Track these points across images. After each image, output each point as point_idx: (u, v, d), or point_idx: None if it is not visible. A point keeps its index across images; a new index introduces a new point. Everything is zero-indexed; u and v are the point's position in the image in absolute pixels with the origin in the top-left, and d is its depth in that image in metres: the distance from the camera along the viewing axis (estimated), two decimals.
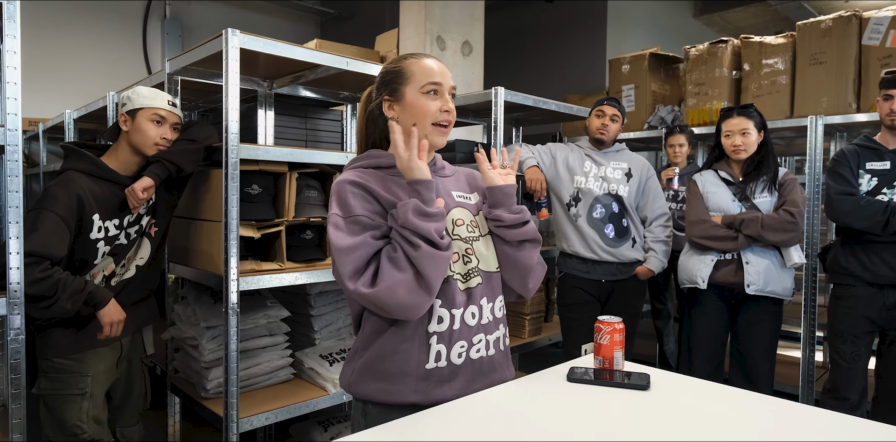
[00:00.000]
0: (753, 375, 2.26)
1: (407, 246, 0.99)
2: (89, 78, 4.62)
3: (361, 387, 1.10)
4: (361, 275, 1.00)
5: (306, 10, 5.93)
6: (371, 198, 1.07)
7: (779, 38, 3.14)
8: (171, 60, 1.97)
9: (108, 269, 1.62)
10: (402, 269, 0.99)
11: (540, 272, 1.21)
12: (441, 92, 1.11)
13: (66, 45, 4.58)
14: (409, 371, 1.07)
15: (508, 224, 1.14)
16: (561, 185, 2.45)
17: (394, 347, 1.08)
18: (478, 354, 1.12)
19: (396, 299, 0.98)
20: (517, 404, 1.01)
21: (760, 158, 2.24)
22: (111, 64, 4.78)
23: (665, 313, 3.48)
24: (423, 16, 3.56)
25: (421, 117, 1.10)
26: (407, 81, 1.11)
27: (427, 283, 1.00)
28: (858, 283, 2.11)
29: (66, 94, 4.46)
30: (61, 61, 4.54)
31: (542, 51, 5.45)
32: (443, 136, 1.13)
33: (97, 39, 4.74)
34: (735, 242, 2.17)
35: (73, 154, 1.57)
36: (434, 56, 1.17)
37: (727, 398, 1.03)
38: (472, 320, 1.12)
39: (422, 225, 0.99)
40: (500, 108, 2.40)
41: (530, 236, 1.16)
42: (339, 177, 1.10)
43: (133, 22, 4.96)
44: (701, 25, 6.20)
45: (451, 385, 1.09)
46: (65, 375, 1.55)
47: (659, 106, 3.70)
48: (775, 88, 3.13)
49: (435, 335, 1.08)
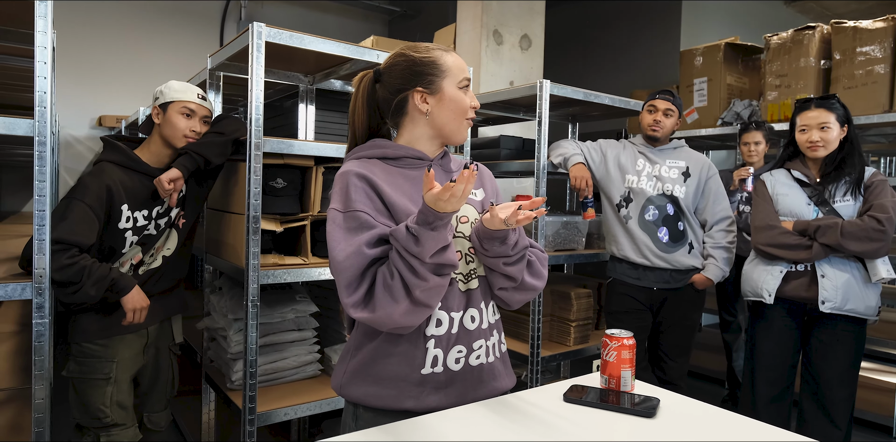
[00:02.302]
0: (828, 402, 1.97)
1: (410, 275, 0.90)
2: (169, 77, 4.89)
3: (353, 389, 1.05)
4: (354, 291, 0.93)
5: (373, 9, 6.00)
6: (374, 194, 1.00)
7: (877, 21, 2.76)
8: (212, 56, 2.01)
9: (135, 258, 1.67)
10: (398, 299, 0.91)
11: (525, 294, 1.10)
12: (468, 88, 1.09)
13: (149, 47, 4.89)
14: (404, 376, 1.01)
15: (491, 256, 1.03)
16: (611, 185, 2.27)
17: (388, 349, 1.02)
18: (478, 360, 1.05)
19: (395, 324, 0.94)
20: (510, 422, 0.90)
21: (843, 157, 1.96)
22: (190, 64, 5.05)
23: (735, 326, 3.18)
24: (480, 10, 3.47)
25: (460, 113, 1.06)
26: (444, 75, 1.05)
27: (427, 307, 0.95)
28: None
29: (149, 93, 4.75)
30: (145, 62, 4.86)
31: (608, 44, 5.18)
32: (468, 129, 1.12)
33: (177, 40, 5.04)
34: (809, 252, 1.91)
35: (108, 146, 1.63)
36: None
37: (741, 433, 0.87)
38: (471, 324, 1.04)
39: (445, 256, 0.91)
40: (546, 102, 2.26)
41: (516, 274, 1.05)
42: (343, 167, 1.04)
43: (211, 24, 5.23)
44: (793, 13, 5.65)
45: (446, 392, 1.02)
46: (92, 359, 1.60)
47: (735, 100, 3.39)
48: (871, 79, 2.76)
49: (433, 339, 1.01)
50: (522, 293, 1.08)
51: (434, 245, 0.88)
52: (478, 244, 1.02)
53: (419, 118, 1.07)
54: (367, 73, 1.11)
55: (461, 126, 1.07)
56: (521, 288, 1.07)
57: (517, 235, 1.02)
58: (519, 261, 1.03)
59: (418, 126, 1.08)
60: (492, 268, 1.05)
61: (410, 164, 1.07)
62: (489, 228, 0.98)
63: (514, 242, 1.01)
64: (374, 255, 0.93)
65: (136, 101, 4.55)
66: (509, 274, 1.03)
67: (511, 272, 1.03)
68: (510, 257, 1.01)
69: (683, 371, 2.31)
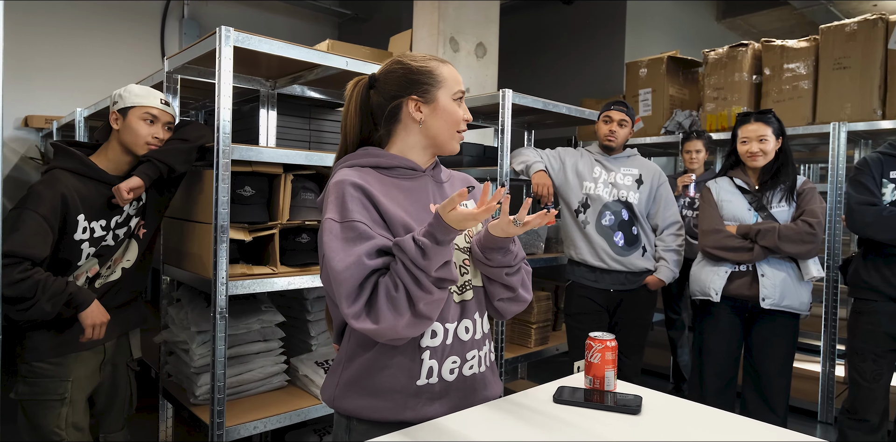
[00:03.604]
0: (768, 391, 2.14)
1: (416, 288, 0.91)
2: (107, 77, 4.65)
3: (346, 402, 1.04)
4: (354, 301, 0.92)
5: (323, 11, 5.93)
6: (370, 205, 0.99)
7: (801, 41, 3.02)
8: (170, 58, 1.94)
9: (91, 270, 1.58)
10: (401, 312, 0.91)
11: (518, 305, 1.13)
12: (461, 100, 1.10)
13: (85, 46, 4.62)
14: (400, 387, 1.01)
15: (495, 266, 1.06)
16: (570, 191, 2.36)
17: (383, 361, 1.02)
18: (471, 370, 1.07)
19: (397, 335, 0.94)
20: (502, 425, 0.93)
21: (778, 166, 2.13)
22: (129, 63, 4.81)
23: (679, 323, 3.36)
24: (437, 17, 3.50)
25: (453, 124, 1.07)
26: (440, 85, 1.06)
27: (428, 319, 0.95)
28: (881, 298, 2.01)
29: (85, 93, 4.49)
30: (80, 61, 4.58)
31: (558, 53, 5.36)
32: (460, 142, 1.11)
33: (116, 39, 4.78)
34: (750, 254, 2.06)
35: (61, 152, 1.54)
36: None
37: (723, 426, 0.95)
38: (465, 335, 1.06)
39: (448, 271, 0.92)
40: (508, 110, 2.32)
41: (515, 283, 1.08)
42: (338, 175, 1.02)
43: (151, 22, 5.00)
44: (724, 29, 6.05)
45: (441, 402, 1.03)
46: (44, 379, 1.51)
47: (676, 110, 3.60)
48: (797, 94, 3.01)
49: (428, 350, 1.02)
50: (517, 304, 1.12)
51: (440, 259, 0.90)
52: (480, 255, 1.04)
53: (412, 126, 1.07)
54: (361, 78, 1.11)
55: (453, 137, 1.08)
56: (516, 299, 1.10)
57: (517, 246, 1.06)
58: (518, 271, 1.07)
59: (411, 135, 1.07)
60: (493, 278, 1.07)
61: (404, 175, 1.07)
62: (495, 235, 1.00)
63: (515, 253, 1.04)
64: (374, 266, 0.93)
65: (69, 101, 4.28)
66: (510, 284, 1.06)
67: (512, 282, 1.06)
68: (512, 267, 1.05)
69: (638, 368, 2.43)
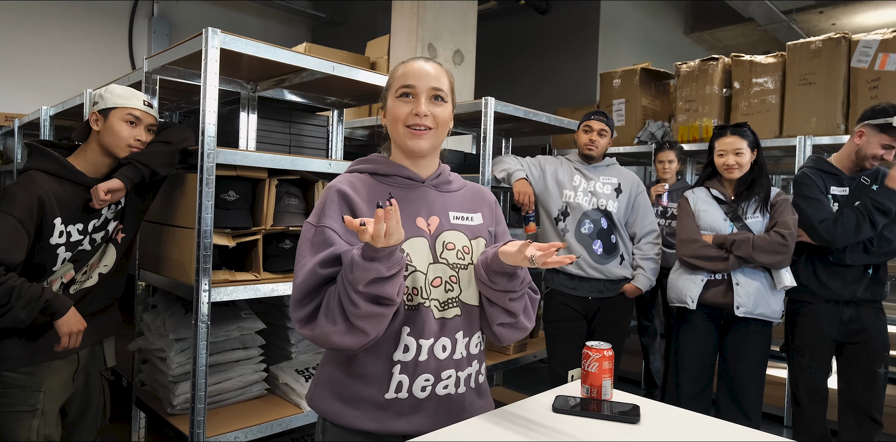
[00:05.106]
0: (741, 396, 2.21)
1: (346, 300, 0.90)
2: (73, 75, 4.51)
3: (320, 403, 1.06)
4: (302, 307, 0.93)
5: (297, 13, 5.87)
6: (349, 212, 1.00)
7: (769, 57, 3.14)
8: (150, 58, 1.89)
9: (66, 276, 1.52)
10: (335, 321, 0.91)
11: (519, 332, 1.09)
12: (415, 94, 1.03)
13: (49, 43, 4.46)
14: (367, 398, 1.01)
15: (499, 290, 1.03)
16: (549, 199, 2.40)
17: (355, 369, 1.02)
18: (445, 390, 1.04)
19: (330, 344, 0.93)
20: (510, 434, 0.94)
21: (753, 178, 2.21)
22: (96, 62, 4.67)
23: (652, 330, 3.43)
24: (415, 23, 3.51)
25: (395, 122, 1.04)
26: (390, 88, 1.08)
27: (363, 333, 0.92)
28: (816, 300, 2.18)
29: (48, 91, 4.34)
30: (44, 58, 4.42)
31: (533, 62, 5.44)
32: (417, 139, 1.02)
33: (82, 37, 4.63)
34: (726, 263, 2.13)
35: (37, 153, 1.48)
36: (428, 58, 1.10)
37: (722, 434, 0.97)
38: (442, 353, 1.03)
39: (381, 288, 0.88)
40: (490, 118, 2.34)
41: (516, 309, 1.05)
42: (335, 179, 1.06)
43: (119, 20, 4.86)
44: (691, 43, 6.26)
45: (409, 419, 1.01)
46: (14, 390, 1.44)
47: (649, 121, 3.69)
48: (765, 107, 3.13)
49: (399, 364, 1.00)
50: (517, 331, 1.08)
51: (365, 276, 0.86)
52: (485, 277, 1.01)
53: (391, 134, 1.09)
54: None
55: (402, 135, 1.04)
56: (516, 325, 1.07)
57: (524, 272, 1.03)
58: (522, 297, 1.05)
59: (392, 142, 1.10)
60: (495, 302, 1.04)
61: (400, 184, 1.07)
62: (505, 262, 0.97)
63: (522, 278, 1.02)
64: (325, 275, 0.93)
65: (30, 98, 4.12)
66: (511, 309, 1.03)
67: (514, 308, 1.03)
68: (516, 292, 1.02)
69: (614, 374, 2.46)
